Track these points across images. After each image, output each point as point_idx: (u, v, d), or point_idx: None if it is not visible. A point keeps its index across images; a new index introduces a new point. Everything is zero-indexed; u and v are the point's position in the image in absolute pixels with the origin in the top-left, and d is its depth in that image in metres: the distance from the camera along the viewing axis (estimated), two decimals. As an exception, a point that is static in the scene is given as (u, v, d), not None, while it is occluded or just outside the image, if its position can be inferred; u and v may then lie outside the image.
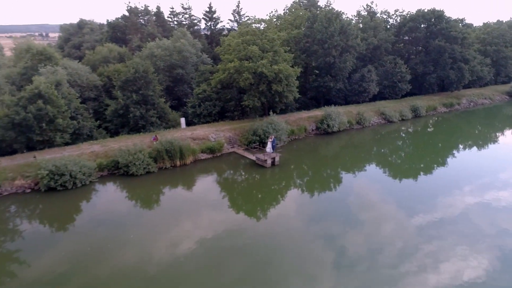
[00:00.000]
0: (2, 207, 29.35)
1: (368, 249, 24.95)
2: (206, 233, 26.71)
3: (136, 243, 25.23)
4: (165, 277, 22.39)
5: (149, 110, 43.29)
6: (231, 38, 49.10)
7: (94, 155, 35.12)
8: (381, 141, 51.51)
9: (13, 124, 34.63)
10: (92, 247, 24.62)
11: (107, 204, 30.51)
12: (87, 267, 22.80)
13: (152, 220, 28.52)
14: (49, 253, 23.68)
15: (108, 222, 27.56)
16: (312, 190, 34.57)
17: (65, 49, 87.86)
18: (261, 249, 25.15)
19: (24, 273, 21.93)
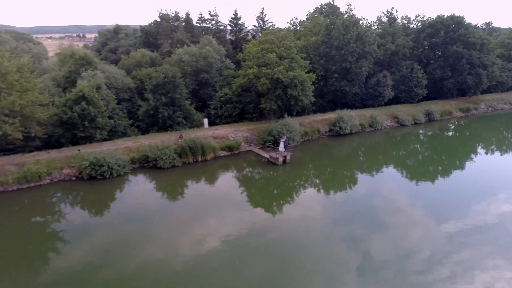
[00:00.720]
0: (52, 191, 35.00)
1: (394, 255, 24.92)
2: (230, 231, 28.10)
3: (162, 238, 27.45)
4: (189, 273, 23.56)
5: (176, 111, 48.39)
6: (251, 46, 53.44)
7: (127, 150, 40.39)
8: (393, 143, 54.34)
9: (61, 122, 40.47)
10: (122, 239, 27.04)
11: (138, 194, 35.44)
12: (116, 259, 24.76)
13: (177, 215, 31.27)
14: (85, 237, 27.28)
15: (137, 215, 30.64)
16: (328, 189, 37.20)
17: (102, 53, 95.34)
18: (285, 249, 25.80)
19: (65, 251, 25.48)
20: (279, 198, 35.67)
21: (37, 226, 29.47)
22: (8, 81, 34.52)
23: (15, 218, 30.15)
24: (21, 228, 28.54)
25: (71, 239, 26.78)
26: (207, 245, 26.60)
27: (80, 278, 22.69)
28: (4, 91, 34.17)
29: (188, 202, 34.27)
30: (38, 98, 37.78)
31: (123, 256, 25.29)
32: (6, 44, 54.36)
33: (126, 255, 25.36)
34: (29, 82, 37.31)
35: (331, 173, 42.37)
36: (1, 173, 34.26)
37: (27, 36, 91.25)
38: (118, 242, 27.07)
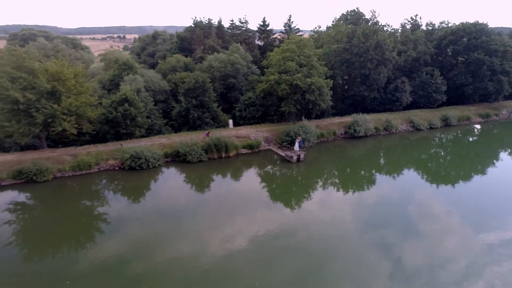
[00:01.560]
0: (99, 178, 41.81)
1: (428, 263, 24.59)
2: (258, 229, 29.54)
3: (192, 234, 29.60)
4: (218, 270, 24.81)
5: (204, 112, 54.44)
6: (274, 54, 58.54)
7: (161, 145, 46.74)
8: (406, 146, 57.45)
9: (107, 120, 47.47)
10: (154, 231, 29.68)
11: (170, 184, 41.68)
12: (148, 252, 26.89)
13: (207, 211, 33.96)
14: (123, 222, 32.26)
15: (169, 204, 35.19)
16: (349, 190, 40.37)
17: (142, 57, 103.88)
18: (314, 251, 26.40)
19: (107, 231, 30.48)
20: (305, 198, 38.14)
21: (85, 208, 35.84)
22: (67, 86, 41.71)
23: (68, 199, 37.01)
24: (72, 209, 35.07)
25: (112, 221, 32.27)
26: (235, 243, 28.20)
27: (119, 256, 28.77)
28: (64, 95, 41.34)
29: (215, 197, 38.12)
30: (89, 99, 44.83)
31: (155, 249, 27.62)
32: (63, 51, 62.48)
33: (158, 249, 27.65)
34: (82, 86, 44.45)
35: (342, 171, 46.78)
36: (59, 162, 41.49)
37: (76, 41, 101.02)
38: (150, 234, 30.19)
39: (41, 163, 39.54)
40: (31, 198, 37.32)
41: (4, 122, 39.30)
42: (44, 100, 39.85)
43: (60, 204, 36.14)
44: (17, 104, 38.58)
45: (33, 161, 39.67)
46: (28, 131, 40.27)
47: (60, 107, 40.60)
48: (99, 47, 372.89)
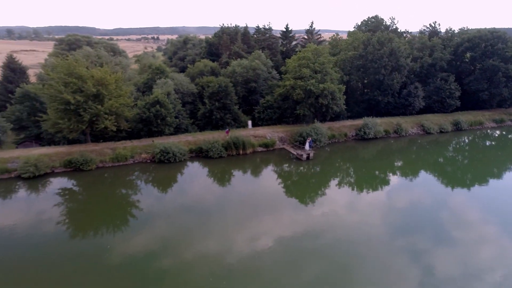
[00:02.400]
0: (133, 170, 48.69)
1: (461, 273, 24.04)
2: (284, 230, 30.66)
3: (219, 232, 31.44)
4: (243, 268, 25.76)
5: (226, 114, 60.59)
6: (291, 61, 63.80)
7: (187, 142, 53.23)
8: (417, 148, 61.17)
9: (141, 119, 54.52)
10: (182, 228, 32.53)
11: (194, 175, 47.98)
12: (175, 247, 28.88)
13: (231, 208, 36.69)
14: (153, 209, 38.44)
15: (195, 199, 39.49)
16: (365, 189, 43.38)
17: (173, 60, 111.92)
18: (341, 255, 26.67)
19: (138, 216, 37.22)
20: (331, 200, 39.89)
21: (121, 195, 42.51)
22: (109, 90, 48.96)
23: (107, 186, 44.04)
24: (111, 195, 41.97)
25: (143, 207, 37.86)
26: (261, 243, 29.36)
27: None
28: (106, 97, 48.60)
29: (240, 194, 41.42)
30: (127, 101, 51.95)
31: (181, 247, 29.78)
32: (105, 58, 70.56)
33: (184, 246, 29.80)
34: (121, 90, 51.63)
35: (349, 170, 51.52)
36: (101, 154, 48.82)
37: (114, 46, 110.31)
38: (177, 225, 34.04)
39: (86, 155, 46.96)
40: (77, 184, 44.59)
41: (58, 119, 46.99)
42: (90, 102, 47.23)
43: (100, 190, 43.15)
44: (69, 105, 46.12)
45: (80, 153, 47.14)
46: (76, 127, 47.84)
47: (103, 108, 47.87)
48: (133, 48, 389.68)
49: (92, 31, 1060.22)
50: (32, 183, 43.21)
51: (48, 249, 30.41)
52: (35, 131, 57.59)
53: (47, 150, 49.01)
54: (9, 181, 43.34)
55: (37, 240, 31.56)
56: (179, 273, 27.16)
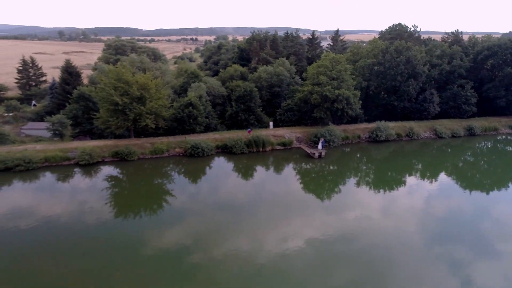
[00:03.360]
0: (168, 162, 57.23)
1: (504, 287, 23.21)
2: (316, 232, 31.07)
3: (249, 231, 33.07)
4: (272, 268, 26.05)
5: (250, 115, 68.07)
6: (311, 68, 70.13)
7: (214, 139, 61.15)
8: (424, 151, 65.68)
9: (176, 119, 63.09)
10: (213, 225, 35.38)
11: (220, 169, 55.73)
12: (207, 243, 30.83)
13: (263, 207, 39.90)
14: (185, 197, 48.34)
15: (223, 197, 44.68)
16: (378, 187, 48.05)
17: (208, 64, 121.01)
18: (374, 260, 26.14)
19: (172, 202, 46.95)
20: (363, 203, 41.15)
21: (158, 183, 51.04)
22: (150, 93, 57.83)
23: (147, 175, 52.69)
24: (149, 183, 50.55)
25: (176, 195, 45.66)
26: (292, 243, 29.93)
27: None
28: (147, 99, 57.49)
29: (267, 191, 46.87)
30: (165, 103, 60.66)
31: (211, 243, 32.02)
32: (147, 64, 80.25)
33: (214, 243, 31.82)
34: (160, 93, 60.41)
35: (356, 168, 57.34)
36: (142, 148, 57.78)
37: (156, 50, 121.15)
38: (208, 226, 36.85)
39: (130, 148, 56.03)
40: (121, 172, 53.59)
41: (108, 117, 56.44)
42: (134, 103, 56.27)
43: (141, 178, 51.88)
44: (117, 106, 55.36)
45: (125, 146, 56.29)
46: (122, 124, 57.07)
47: (145, 108, 56.78)
48: (173, 49, 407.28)
49: (135, 32, 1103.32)
50: (87, 169, 52.75)
51: (89, 234, 35.37)
52: (88, 127, 67.83)
53: (98, 143, 58.64)
54: (69, 167, 53.14)
55: (81, 223, 37.54)
56: (210, 269, 28.63)
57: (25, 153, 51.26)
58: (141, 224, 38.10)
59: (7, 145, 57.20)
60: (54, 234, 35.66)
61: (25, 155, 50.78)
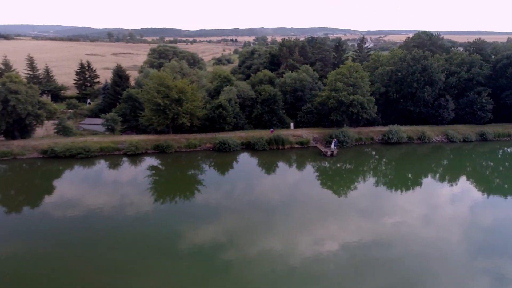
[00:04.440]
0: (200, 156, 66.87)
1: None
2: (351, 236, 30.98)
3: (283, 232, 34.04)
4: (305, 270, 25.95)
5: (273, 117, 76.45)
6: (330, 75, 77.29)
7: (240, 137, 70.09)
8: (433, 153, 70.91)
9: (208, 118, 72.72)
10: (247, 222, 38.58)
11: (246, 163, 64.57)
12: (240, 240, 32.77)
13: (296, 207, 43.22)
14: (215, 187, 57.89)
15: (255, 202, 53.89)
16: (392, 187, 59.09)
17: (241, 68, 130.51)
18: (411, 270, 25.31)
19: (204, 192, 56.59)
20: (402, 208, 41.53)
21: (191, 174, 60.76)
22: (187, 96, 67.83)
23: (182, 166, 62.58)
24: (184, 173, 60.36)
25: (207, 185, 54.67)
26: (325, 246, 30.04)
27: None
28: (184, 101, 67.51)
29: (299, 191, 52.27)
30: (199, 104, 70.47)
31: (244, 238, 34.78)
32: (185, 70, 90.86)
33: (248, 239, 34.03)
34: (195, 96, 70.30)
35: (366, 166, 64.13)
36: (178, 142, 67.89)
37: (194, 54, 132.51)
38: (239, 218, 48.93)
39: (169, 142, 66.27)
40: (161, 163, 63.80)
41: (151, 116, 67.07)
42: (173, 104, 66.46)
43: (177, 169, 61.93)
44: (159, 106, 65.79)
45: (165, 140, 66.64)
46: (163, 122, 67.48)
47: (182, 109, 66.85)
48: (213, 50, 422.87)
49: (178, 33, 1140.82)
50: (132, 158, 63.55)
51: (129, 225, 39.95)
52: (134, 123, 79.22)
53: (142, 137, 69.48)
54: (119, 156, 64.21)
55: (123, 214, 43.13)
56: (242, 267, 29.73)
57: (85, 144, 62.97)
58: (177, 218, 42.62)
59: (71, 136, 69.42)
60: (97, 223, 40.82)
61: (85, 145, 62.46)
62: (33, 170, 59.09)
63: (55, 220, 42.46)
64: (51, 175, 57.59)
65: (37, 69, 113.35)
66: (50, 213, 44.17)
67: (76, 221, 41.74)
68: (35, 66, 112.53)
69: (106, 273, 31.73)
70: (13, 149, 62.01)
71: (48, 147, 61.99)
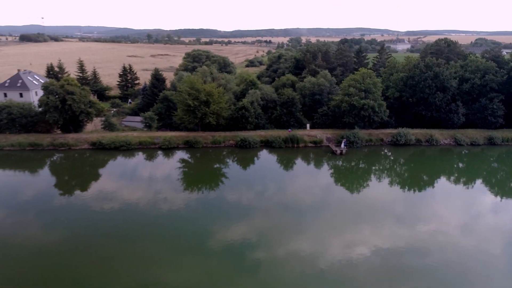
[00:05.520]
0: (223, 151, 76.02)
1: None
2: (383, 241, 30.00)
3: (313, 233, 34.47)
4: (335, 273, 25.59)
5: (291, 118, 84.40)
6: (345, 81, 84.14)
7: (260, 136, 78.65)
8: (439, 155, 76.15)
9: (232, 118, 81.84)
10: (275, 222, 40.35)
11: (265, 159, 73.15)
12: (270, 240, 33.76)
13: (327, 209, 46.14)
14: (238, 178, 67.12)
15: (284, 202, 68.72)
16: (404, 187, 67.06)
17: (268, 72, 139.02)
18: (447, 280, 24.31)
19: (227, 183, 65.78)
20: (442, 216, 40.43)
21: (217, 166, 70.04)
22: (214, 99, 77.33)
23: (208, 159, 72.01)
24: (210, 165, 69.77)
25: (230, 177, 64.03)
26: (357, 251, 29.60)
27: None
28: (211, 103, 77.03)
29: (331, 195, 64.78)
30: (224, 106, 79.78)
31: (274, 242, 34.60)
32: (215, 74, 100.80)
33: (277, 242, 34.28)
34: (222, 99, 79.68)
35: (374, 165, 70.81)
36: (205, 138, 77.53)
37: (225, 58, 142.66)
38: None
39: (197, 138, 76.05)
40: (190, 156, 73.57)
41: (183, 115, 77.20)
42: (202, 106, 76.16)
43: (205, 162, 71.47)
44: (189, 107, 75.71)
45: (193, 137, 76.50)
46: (192, 121, 77.40)
47: (209, 110, 76.43)
48: (246, 51, 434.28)
49: (214, 34, 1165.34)
50: (166, 152, 73.84)
51: (162, 220, 43.48)
52: (168, 121, 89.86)
53: (174, 133, 79.74)
54: (154, 149, 74.72)
55: (157, 209, 47.16)
56: (272, 266, 29.77)
57: (127, 138, 74.00)
58: (206, 214, 45.53)
59: (115, 132, 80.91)
60: (131, 216, 44.87)
61: (127, 139, 73.47)
62: (83, 159, 70.65)
63: (96, 211, 47.55)
64: (98, 164, 68.82)
65: (86, 71, 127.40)
66: (91, 204, 49.98)
67: (113, 214, 46.71)
68: (84, 69, 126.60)
69: (136, 265, 33.68)
70: (69, 141, 74.12)
71: (96, 140, 73.60)
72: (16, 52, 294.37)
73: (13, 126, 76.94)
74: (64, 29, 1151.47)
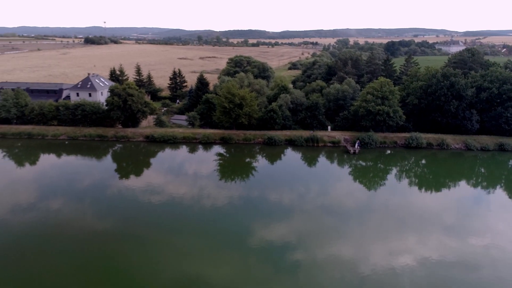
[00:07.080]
0: (255, 147, 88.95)
1: None
2: (430, 252, 29.01)
3: (354, 238, 34.05)
4: (377, 281, 25.32)
5: (314, 120, 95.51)
6: (365, 89, 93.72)
7: (284, 135, 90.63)
8: (445, 158, 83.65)
9: (262, 119, 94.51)
10: (312, 224, 41.92)
11: (290, 155, 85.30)
12: (310, 242, 34.41)
13: (371, 214, 45.40)
14: (263, 173, 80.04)
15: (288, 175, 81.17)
16: (421, 187, 77.18)
17: (303, 77, 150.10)
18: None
19: (256, 176, 78.75)
20: (495, 228, 39.32)
21: (248, 161, 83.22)
22: (246, 102, 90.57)
23: (240, 154, 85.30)
24: (242, 159, 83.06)
25: (259, 170, 77.82)
26: (400, 259, 28.66)
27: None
28: (244, 106, 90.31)
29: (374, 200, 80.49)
30: (255, 109, 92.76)
31: (310, 247, 34.73)
32: (250, 80, 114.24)
33: (312, 247, 34.41)
34: (253, 102, 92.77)
35: (381, 164, 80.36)
36: (238, 136, 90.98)
37: (265, 64, 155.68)
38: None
39: (231, 135, 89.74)
40: (225, 151, 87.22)
41: (220, 116, 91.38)
42: (236, 108, 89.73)
43: (236, 156, 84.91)
44: (226, 109, 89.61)
45: (228, 134, 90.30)
46: (228, 120, 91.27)
47: (242, 111, 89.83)
48: (292, 53, 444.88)
49: (262, 34, 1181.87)
50: (206, 146, 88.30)
51: (205, 216, 46.47)
52: (208, 120, 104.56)
53: (213, 131, 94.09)
54: (196, 144, 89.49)
55: (200, 206, 59.44)
56: (311, 269, 29.54)
57: (174, 133, 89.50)
58: (246, 210, 48.51)
59: (164, 128, 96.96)
60: (175, 211, 49.16)
61: (174, 134, 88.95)
62: (138, 149, 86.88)
63: (145, 203, 54.08)
64: (150, 154, 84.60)
65: (142, 74, 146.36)
66: (140, 196, 57.22)
67: (160, 206, 52.62)
68: (140, 72, 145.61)
69: (178, 258, 35.39)
70: (128, 134, 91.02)
71: (149, 134, 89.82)
72: (82, 54, 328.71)
73: (85, 121, 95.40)
74: (122, 30, 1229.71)
